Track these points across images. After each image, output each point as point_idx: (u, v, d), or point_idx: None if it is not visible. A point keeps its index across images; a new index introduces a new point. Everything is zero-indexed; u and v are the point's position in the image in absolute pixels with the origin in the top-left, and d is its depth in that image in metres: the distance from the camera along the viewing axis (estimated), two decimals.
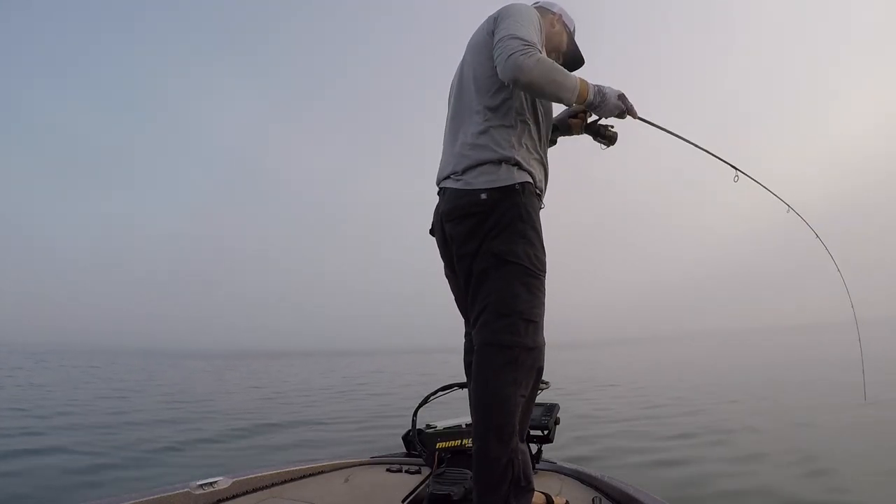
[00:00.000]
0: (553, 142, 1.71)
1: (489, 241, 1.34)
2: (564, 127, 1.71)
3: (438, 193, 1.51)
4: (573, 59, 1.71)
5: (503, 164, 1.37)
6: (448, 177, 1.45)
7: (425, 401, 2.20)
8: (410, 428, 2.29)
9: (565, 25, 1.67)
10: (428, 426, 2.27)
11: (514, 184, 1.35)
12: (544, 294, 1.38)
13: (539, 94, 1.38)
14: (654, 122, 1.56)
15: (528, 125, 1.45)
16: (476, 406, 1.28)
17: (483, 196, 1.34)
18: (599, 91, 1.38)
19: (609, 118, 1.47)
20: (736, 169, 1.70)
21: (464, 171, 1.40)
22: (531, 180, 1.40)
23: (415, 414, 2.27)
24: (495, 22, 1.41)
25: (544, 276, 1.39)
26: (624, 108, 1.43)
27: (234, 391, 11.79)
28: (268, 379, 16.23)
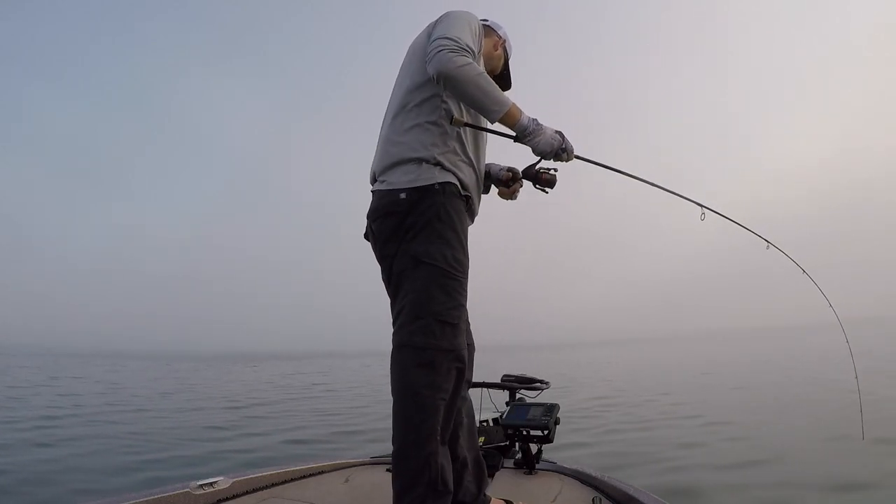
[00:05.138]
0: (486, 188, 1.68)
1: (407, 243, 1.33)
2: (497, 180, 1.69)
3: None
4: (502, 83, 1.69)
5: (423, 164, 1.35)
6: (375, 179, 1.45)
7: None
8: None
9: (505, 51, 1.68)
10: None
11: (434, 183, 1.33)
12: (463, 296, 1.36)
13: (462, 94, 1.33)
14: (602, 162, 1.48)
15: (457, 128, 1.41)
16: (394, 408, 1.28)
17: (402, 196, 1.33)
18: (535, 121, 1.35)
19: (548, 160, 1.40)
20: (701, 206, 1.61)
21: (385, 171, 1.39)
22: (455, 181, 1.38)
23: None
24: (435, 25, 1.41)
25: (463, 278, 1.36)
26: (562, 145, 1.37)
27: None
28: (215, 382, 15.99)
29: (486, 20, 1.66)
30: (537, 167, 1.47)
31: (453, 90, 1.33)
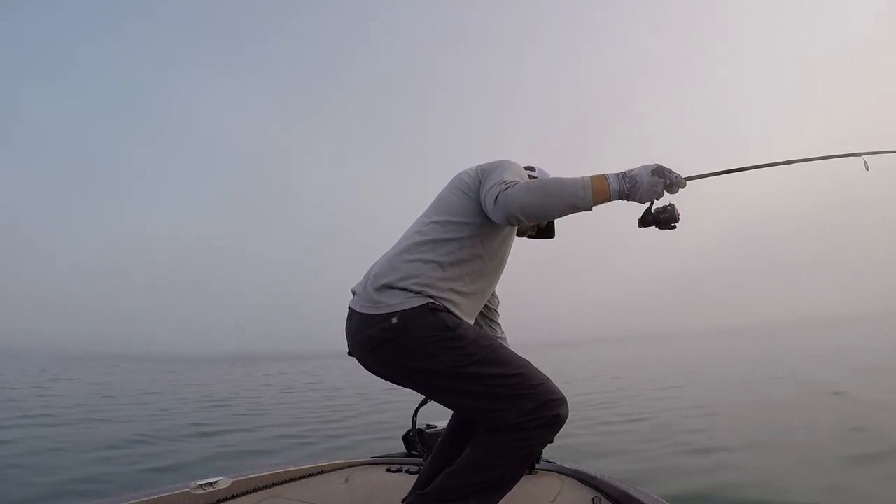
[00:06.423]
0: None
1: (429, 361, 1.27)
2: None
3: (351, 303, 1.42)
4: (546, 233, 1.67)
5: (412, 294, 1.29)
6: (361, 293, 1.38)
7: (425, 401, 2.21)
8: (410, 428, 2.29)
9: None
10: (428, 426, 2.28)
11: (428, 303, 1.28)
12: (507, 349, 1.33)
13: (543, 213, 1.26)
14: (714, 171, 1.41)
15: (461, 275, 1.36)
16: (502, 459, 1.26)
17: (394, 320, 1.27)
18: (626, 177, 1.23)
19: (662, 197, 1.28)
20: (860, 154, 1.49)
21: (376, 290, 1.32)
22: (446, 309, 1.31)
23: (415, 414, 2.28)
24: (483, 173, 1.39)
25: (496, 341, 1.34)
26: (666, 183, 1.25)
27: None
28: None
29: (533, 168, 1.62)
30: (652, 210, 1.34)
31: (534, 216, 1.26)
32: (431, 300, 1.28)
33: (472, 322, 1.42)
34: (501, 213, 1.25)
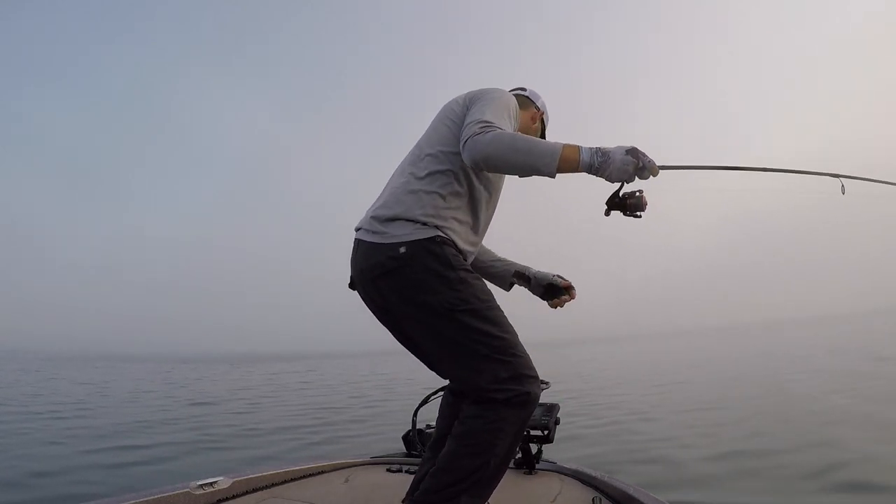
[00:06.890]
0: (509, 287, 1.65)
1: (430, 295, 1.27)
2: (551, 287, 1.64)
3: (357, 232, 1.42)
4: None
5: (419, 224, 1.31)
6: (366, 227, 1.38)
7: (425, 401, 2.21)
8: (410, 428, 2.29)
9: (543, 123, 1.64)
10: (428, 426, 2.27)
11: (436, 236, 1.29)
12: (504, 315, 1.33)
13: (505, 168, 1.27)
14: (689, 165, 1.36)
15: (461, 205, 1.38)
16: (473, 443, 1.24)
17: (402, 250, 1.28)
18: (599, 152, 1.20)
19: (633, 181, 1.24)
20: (838, 177, 1.49)
21: (383, 222, 1.33)
22: (453, 242, 1.33)
23: (415, 414, 2.28)
24: (471, 101, 1.39)
25: (495, 302, 1.34)
26: (638, 165, 1.20)
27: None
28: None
29: (525, 90, 1.60)
30: (621, 194, 1.29)
31: (496, 169, 1.29)
32: (439, 232, 1.30)
33: (474, 252, 1.46)
34: (468, 156, 1.26)
